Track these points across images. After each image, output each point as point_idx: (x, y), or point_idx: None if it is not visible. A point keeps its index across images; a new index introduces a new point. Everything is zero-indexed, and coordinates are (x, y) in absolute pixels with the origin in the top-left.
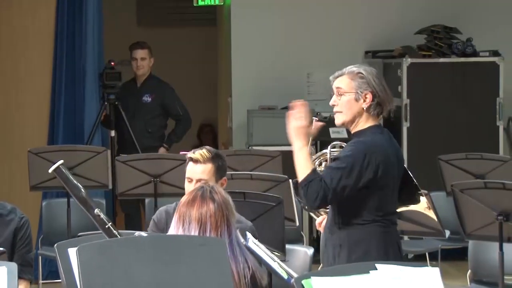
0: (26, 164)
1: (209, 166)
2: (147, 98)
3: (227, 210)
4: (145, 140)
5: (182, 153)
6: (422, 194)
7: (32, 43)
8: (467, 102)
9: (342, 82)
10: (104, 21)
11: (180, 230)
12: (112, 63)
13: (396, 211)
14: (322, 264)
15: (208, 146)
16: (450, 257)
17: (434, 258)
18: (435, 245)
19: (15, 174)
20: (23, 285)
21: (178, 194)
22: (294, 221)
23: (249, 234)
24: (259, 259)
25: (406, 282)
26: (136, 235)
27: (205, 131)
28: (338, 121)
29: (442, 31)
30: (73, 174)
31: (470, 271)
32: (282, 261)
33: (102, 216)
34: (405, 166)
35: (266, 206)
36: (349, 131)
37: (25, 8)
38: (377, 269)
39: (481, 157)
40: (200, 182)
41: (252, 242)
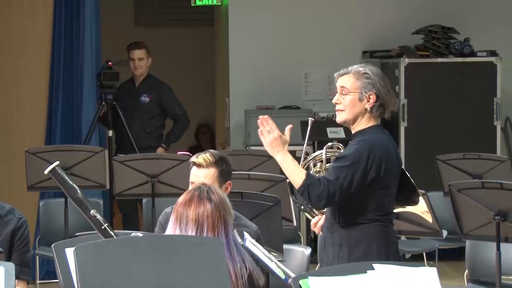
0: (23, 164)
1: (212, 171)
2: (145, 98)
3: (224, 210)
4: (143, 140)
5: (179, 153)
6: (420, 195)
7: (30, 43)
8: (465, 102)
9: (347, 81)
10: (101, 21)
11: (177, 230)
12: (109, 63)
13: (393, 211)
14: (319, 264)
15: (212, 150)
16: (448, 257)
17: (431, 258)
18: (433, 245)
19: (13, 174)
20: (20, 285)
21: (175, 194)
22: (291, 221)
23: (246, 234)
24: (257, 259)
25: (403, 282)
26: (132, 236)
27: (202, 131)
28: (339, 118)
29: (440, 31)
30: (70, 174)
31: (467, 271)
32: (280, 261)
33: (98, 217)
34: (402, 167)
35: (264, 206)
36: (346, 131)
37: (23, 8)
38: (374, 269)
39: (478, 157)
40: None
41: (249, 242)
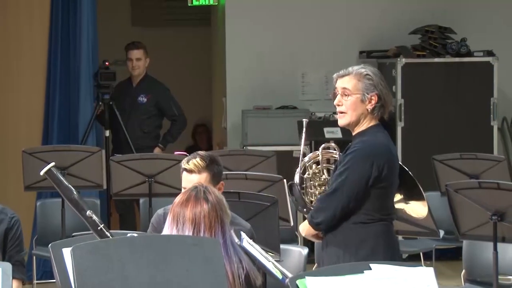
0: (20, 164)
1: (204, 176)
2: (143, 99)
3: (221, 210)
4: (140, 140)
5: (176, 153)
6: (425, 198)
7: (26, 43)
8: (462, 102)
9: (349, 82)
10: (98, 21)
11: (174, 231)
12: (106, 63)
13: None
14: (316, 264)
15: (201, 152)
16: (445, 257)
17: (428, 258)
18: (430, 245)
19: (10, 174)
20: (15, 285)
21: (172, 194)
22: (288, 221)
23: (243, 234)
24: (254, 259)
25: (400, 282)
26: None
27: (199, 131)
28: (342, 122)
29: (437, 31)
30: (67, 174)
31: (464, 271)
32: (277, 261)
33: (94, 217)
34: (400, 163)
35: (261, 206)
36: (344, 131)
37: (19, 8)
38: (371, 269)
39: (475, 157)
40: None
41: (246, 242)
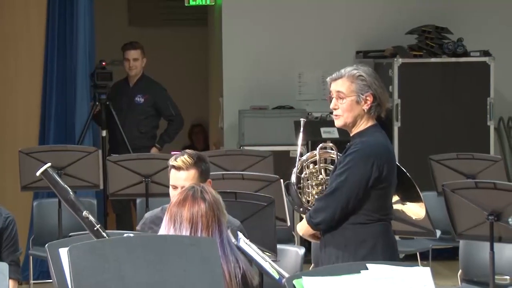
0: (17, 164)
1: (192, 172)
2: (140, 99)
3: (218, 210)
4: (137, 140)
5: (173, 153)
6: (423, 200)
7: (23, 43)
8: (458, 102)
9: (342, 85)
10: (95, 21)
11: (171, 230)
12: (103, 63)
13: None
14: (313, 264)
15: (189, 150)
16: (441, 257)
17: (425, 258)
18: (426, 245)
19: (6, 174)
20: (11, 284)
21: (169, 194)
22: (285, 221)
23: (240, 234)
24: (251, 259)
25: (397, 282)
26: (126, 236)
27: (196, 131)
28: (338, 123)
29: (433, 31)
30: (64, 174)
31: (461, 271)
32: (274, 261)
33: (90, 218)
34: (397, 164)
35: (258, 206)
36: (341, 131)
37: (16, 8)
38: (368, 269)
39: (472, 157)
40: None
41: (243, 242)
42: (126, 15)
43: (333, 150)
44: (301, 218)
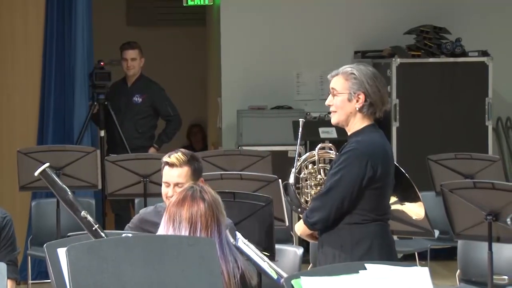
0: (15, 164)
1: (185, 169)
2: (138, 99)
3: (217, 210)
4: (135, 140)
5: None
6: (421, 200)
7: (21, 43)
8: (456, 102)
9: (337, 82)
10: (93, 21)
11: (170, 230)
12: (101, 63)
13: (389, 211)
14: (311, 264)
15: (182, 149)
16: (439, 257)
17: (423, 258)
18: (425, 245)
19: (5, 174)
20: (9, 284)
21: None
22: (283, 221)
23: (238, 234)
24: (249, 259)
25: (395, 282)
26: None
27: (194, 132)
28: (333, 120)
29: (432, 31)
30: (62, 174)
31: (459, 271)
32: (272, 261)
33: (89, 218)
34: (396, 164)
35: (256, 206)
36: (339, 131)
37: (14, 8)
38: (366, 269)
39: (470, 157)
40: (177, 186)
41: (241, 242)
42: (124, 15)
43: (332, 150)
44: (299, 218)
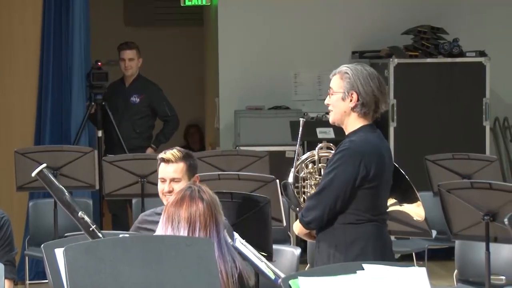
0: (13, 164)
1: (181, 165)
2: (136, 99)
3: (216, 210)
4: (133, 140)
5: None
6: (420, 200)
7: (18, 43)
8: (454, 102)
9: (334, 81)
10: (91, 21)
11: (169, 230)
12: (99, 63)
13: (387, 211)
14: (309, 264)
15: (177, 147)
16: (437, 257)
17: (421, 258)
18: (422, 245)
19: (2, 174)
20: (7, 284)
21: None
22: (281, 221)
23: (236, 234)
24: (247, 259)
25: (393, 282)
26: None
27: (192, 132)
28: (330, 119)
29: (429, 32)
30: (60, 174)
31: (456, 271)
32: (269, 261)
33: (86, 219)
34: (396, 165)
35: (254, 206)
36: (336, 131)
37: (11, 8)
38: (364, 269)
39: (467, 157)
40: (173, 181)
41: (239, 242)
42: (121, 15)
43: (332, 150)
44: (297, 218)
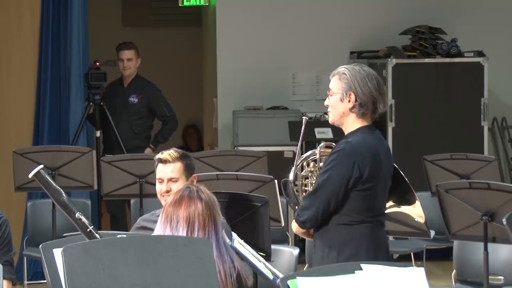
0: (11, 165)
1: (178, 165)
2: (134, 99)
3: (214, 210)
4: (131, 140)
5: None
6: (417, 199)
7: (17, 44)
8: (452, 102)
9: (332, 82)
10: (89, 21)
11: (167, 230)
12: (97, 64)
13: (384, 212)
14: (307, 265)
15: (174, 147)
16: (435, 257)
17: (419, 258)
18: (420, 245)
19: (0, 175)
20: (5, 285)
21: None
22: (279, 221)
23: (234, 235)
24: (245, 260)
25: (391, 282)
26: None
27: (190, 132)
28: (329, 120)
29: (427, 32)
30: (58, 174)
31: (455, 271)
32: (268, 261)
33: (83, 219)
34: (396, 166)
35: (252, 207)
36: (334, 132)
37: (10, 8)
38: (362, 269)
39: (466, 157)
40: (171, 181)
41: (237, 243)
42: (120, 16)
43: (332, 148)
44: None
